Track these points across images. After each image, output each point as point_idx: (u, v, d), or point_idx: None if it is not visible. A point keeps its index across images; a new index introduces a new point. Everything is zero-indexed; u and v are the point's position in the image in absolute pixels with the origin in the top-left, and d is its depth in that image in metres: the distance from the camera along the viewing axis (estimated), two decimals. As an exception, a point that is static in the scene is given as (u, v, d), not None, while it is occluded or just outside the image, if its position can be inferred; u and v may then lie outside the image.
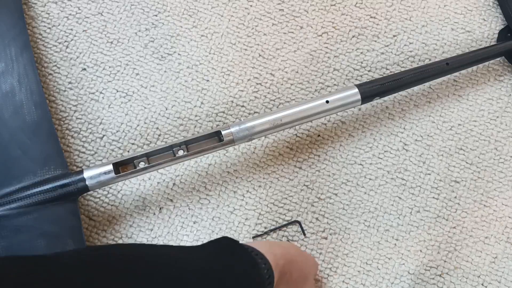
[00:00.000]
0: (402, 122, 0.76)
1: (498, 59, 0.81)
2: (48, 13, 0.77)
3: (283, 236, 0.69)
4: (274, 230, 0.68)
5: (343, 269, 0.67)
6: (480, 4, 0.83)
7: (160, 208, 0.69)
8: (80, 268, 0.33)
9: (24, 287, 0.28)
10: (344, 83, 0.77)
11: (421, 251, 0.69)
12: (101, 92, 0.74)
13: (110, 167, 0.61)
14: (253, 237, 0.68)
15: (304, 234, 0.68)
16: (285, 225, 0.68)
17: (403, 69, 0.76)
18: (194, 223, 0.68)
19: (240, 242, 0.49)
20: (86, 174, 0.61)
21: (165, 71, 0.75)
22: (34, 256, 0.33)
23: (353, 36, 0.80)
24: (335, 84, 0.77)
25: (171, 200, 0.69)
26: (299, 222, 0.69)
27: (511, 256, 0.70)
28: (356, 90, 0.68)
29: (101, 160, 0.70)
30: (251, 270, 0.45)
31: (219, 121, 0.73)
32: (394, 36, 0.80)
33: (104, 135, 0.71)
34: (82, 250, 0.46)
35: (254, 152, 0.72)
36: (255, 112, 0.74)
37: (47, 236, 0.60)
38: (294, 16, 0.80)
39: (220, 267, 0.42)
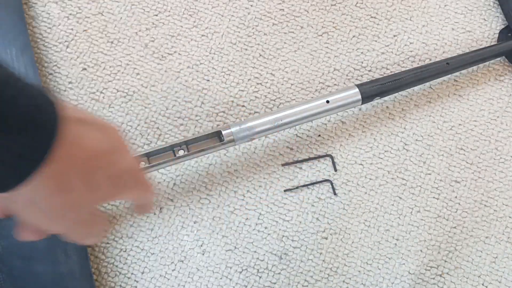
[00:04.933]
0: (402, 122, 0.75)
1: (498, 59, 0.81)
2: (49, 13, 0.77)
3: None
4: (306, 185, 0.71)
5: (343, 269, 0.68)
6: (481, 4, 0.83)
7: (161, 208, 0.69)
8: None
9: None
10: (344, 83, 0.77)
11: (421, 251, 0.69)
12: (101, 92, 0.74)
13: (111, 167, 0.61)
14: (285, 190, 0.70)
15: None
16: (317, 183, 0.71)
17: (403, 69, 0.76)
18: (194, 223, 0.68)
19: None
20: (87, 174, 0.61)
21: (165, 71, 0.75)
22: None
23: (354, 36, 0.80)
24: (335, 84, 0.77)
25: (172, 200, 0.69)
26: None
27: (511, 256, 0.70)
28: (357, 90, 0.68)
29: (101, 160, 0.70)
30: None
31: (220, 121, 0.73)
32: (394, 36, 0.80)
33: (104, 135, 0.71)
34: None
35: (254, 152, 0.72)
36: (255, 112, 0.74)
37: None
38: (295, 16, 0.80)
39: None
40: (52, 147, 0.26)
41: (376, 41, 0.80)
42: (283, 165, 0.72)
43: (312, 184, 0.71)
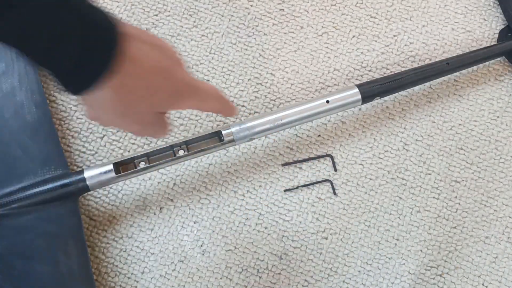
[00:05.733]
0: (402, 122, 0.75)
1: (498, 59, 0.81)
2: (49, 13, 0.77)
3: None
4: (306, 185, 0.71)
5: (343, 269, 0.68)
6: (481, 4, 0.83)
7: (161, 208, 0.69)
8: None
9: None
10: (344, 83, 0.77)
11: (421, 251, 0.69)
12: (101, 92, 0.73)
13: (111, 167, 0.61)
14: (285, 190, 0.70)
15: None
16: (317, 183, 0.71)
17: (403, 69, 0.76)
18: (194, 223, 0.68)
19: None
20: (87, 174, 0.61)
21: (165, 71, 0.75)
22: None
23: (354, 36, 0.80)
24: (335, 84, 0.77)
25: (172, 200, 0.69)
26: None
27: (511, 256, 0.70)
28: (357, 90, 0.68)
29: (101, 160, 0.70)
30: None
31: (220, 121, 0.73)
32: (394, 36, 0.80)
33: (104, 135, 0.71)
34: None
35: (254, 152, 0.72)
36: (255, 112, 0.74)
37: (48, 236, 0.60)
38: (295, 16, 0.80)
39: None
40: (112, 54, 0.32)
41: (376, 41, 0.80)
42: (283, 165, 0.72)
43: (312, 184, 0.71)
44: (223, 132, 0.63)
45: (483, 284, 0.68)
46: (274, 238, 0.68)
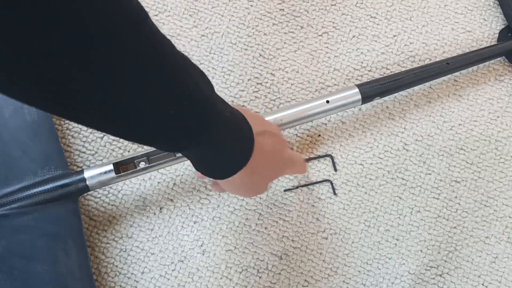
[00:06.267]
0: (402, 122, 0.75)
1: (498, 59, 0.81)
2: (49, 13, 0.77)
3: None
4: (305, 185, 0.71)
5: (343, 269, 0.68)
6: (481, 4, 0.83)
7: (161, 208, 0.69)
8: None
9: None
10: (344, 83, 0.77)
11: (421, 251, 0.69)
12: (101, 92, 0.73)
13: (111, 167, 0.61)
14: (285, 190, 0.71)
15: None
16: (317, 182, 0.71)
17: (403, 69, 0.76)
18: (194, 223, 0.68)
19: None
20: (87, 174, 0.61)
21: (165, 71, 0.75)
22: None
23: (354, 36, 0.80)
24: (335, 84, 0.77)
25: (172, 200, 0.69)
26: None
27: (511, 256, 0.70)
28: (357, 90, 0.68)
29: (101, 160, 0.70)
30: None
31: (220, 121, 0.73)
32: (394, 36, 0.80)
33: (104, 135, 0.71)
34: None
35: (254, 152, 0.72)
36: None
37: (47, 236, 0.60)
38: (295, 16, 0.80)
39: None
40: (252, 151, 0.43)
41: (376, 41, 0.80)
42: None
43: (312, 184, 0.71)
44: (223, 132, 0.63)
45: (483, 284, 0.68)
46: (274, 238, 0.68)
